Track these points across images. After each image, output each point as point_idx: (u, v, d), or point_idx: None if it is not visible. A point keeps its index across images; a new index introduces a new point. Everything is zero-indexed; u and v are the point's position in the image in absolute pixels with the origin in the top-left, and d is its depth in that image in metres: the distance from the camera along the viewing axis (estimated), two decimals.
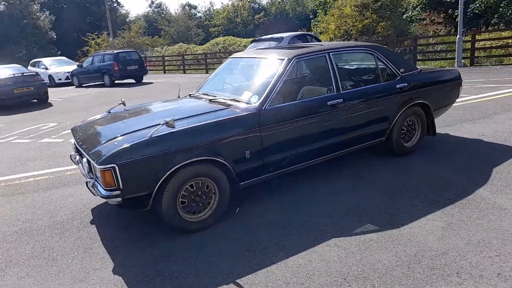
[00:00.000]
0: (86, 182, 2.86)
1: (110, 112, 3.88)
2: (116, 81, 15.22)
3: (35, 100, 11.72)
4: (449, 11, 17.87)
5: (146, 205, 2.78)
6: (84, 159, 3.03)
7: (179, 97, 4.29)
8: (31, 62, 20.14)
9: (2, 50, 33.79)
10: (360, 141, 3.85)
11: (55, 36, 38.99)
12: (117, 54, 15.08)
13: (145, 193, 2.71)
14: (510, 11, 15.48)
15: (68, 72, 17.19)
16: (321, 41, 12.54)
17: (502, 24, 15.26)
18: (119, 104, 4.01)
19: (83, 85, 16.50)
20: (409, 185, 3.56)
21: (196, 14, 42.57)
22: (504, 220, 2.82)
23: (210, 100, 3.64)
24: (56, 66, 18.57)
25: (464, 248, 2.53)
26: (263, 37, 12.39)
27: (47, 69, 18.39)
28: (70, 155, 3.68)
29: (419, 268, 2.36)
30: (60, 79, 17.68)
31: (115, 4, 49.75)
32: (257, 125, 3.11)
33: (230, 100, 3.48)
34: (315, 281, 2.31)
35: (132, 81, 16.01)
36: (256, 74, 3.73)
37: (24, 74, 11.03)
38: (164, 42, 30.85)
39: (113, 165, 2.57)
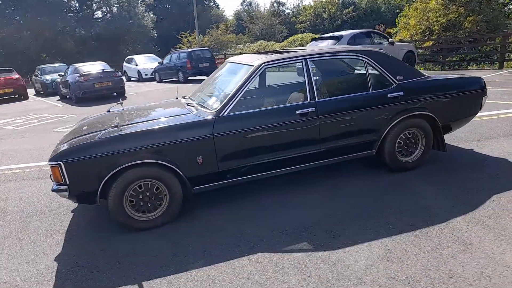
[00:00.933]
0: (50, 175, 3.24)
1: (109, 111, 4.26)
2: (189, 78, 16.22)
3: (115, 94, 13.16)
4: None
5: (94, 201, 3.04)
6: None
7: (177, 98, 4.51)
8: (126, 58, 22.56)
9: (113, 47, 38.38)
10: (340, 153, 3.62)
11: (156, 35, 42.79)
12: (191, 52, 16.06)
13: (90, 190, 2.96)
14: None
15: (152, 69, 18.85)
16: (388, 38, 11.71)
17: None
18: (117, 103, 4.37)
19: (163, 80, 17.96)
20: (380, 205, 3.25)
21: (284, 11, 42.83)
22: (456, 258, 2.44)
23: (187, 104, 3.77)
24: (145, 62, 20.47)
25: (383, 283, 2.27)
26: (322, 36, 12.05)
27: (137, 65, 20.41)
28: None
29: None
30: (146, 75, 19.48)
31: (211, 3, 52.76)
32: (210, 132, 3.15)
33: (200, 105, 3.56)
34: None
35: (204, 77, 16.88)
36: (230, 79, 3.74)
37: (104, 71, 12.47)
38: (247, 40, 31.75)
39: (59, 162, 2.87)
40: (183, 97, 4.31)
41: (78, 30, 38.16)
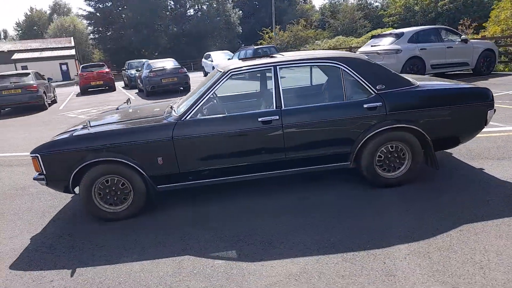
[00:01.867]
0: None
1: (118, 108, 4.71)
2: None
3: (182, 88, 14.09)
4: None
5: (69, 191, 3.44)
6: None
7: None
8: (204, 54, 23.81)
9: (201, 43, 40.80)
10: (308, 163, 3.51)
11: (241, 31, 44.28)
12: (256, 50, 16.36)
13: (63, 181, 3.37)
14: None
15: None
16: (461, 35, 10.50)
17: None
18: (124, 103, 4.79)
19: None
20: (335, 221, 3.10)
21: (372, 4, 40.71)
22: (367, 287, 2.27)
23: (171, 107, 4.00)
24: (221, 59, 21.38)
25: None
26: (382, 33, 11.32)
27: (212, 61, 21.44)
28: None
29: None
30: None
31: None
32: (170, 135, 3.33)
33: (172, 108, 3.76)
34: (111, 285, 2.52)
35: None
36: (204, 84, 3.84)
37: (172, 67, 13.43)
38: (326, 35, 31.00)
39: (37, 154, 3.32)
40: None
41: (171, 28, 41.26)
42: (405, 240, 2.73)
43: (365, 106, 3.40)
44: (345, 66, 3.46)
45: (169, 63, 13.96)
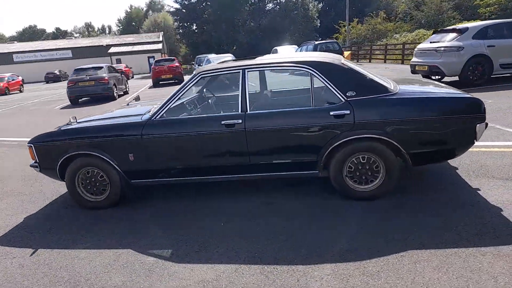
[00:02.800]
0: None
1: (128, 104, 5.07)
2: None
3: None
4: None
5: (59, 178, 3.84)
6: None
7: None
8: (272, 49, 23.91)
9: (277, 37, 41.02)
10: (273, 169, 3.44)
11: (318, 24, 43.46)
12: (316, 45, 15.97)
13: (52, 170, 3.77)
14: None
15: None
16: None
17: None
18: (133, 99, 5.12)
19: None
20: (282, 230, 3.01)
21: None
22: None
23: (154, 105, 4.19)
24: (287, 53, 21.35)
25: None
26: (445, 28, 10.24)
27: None
28: None
29: None
30: None
31: None
32: (139, 134, 3.52)
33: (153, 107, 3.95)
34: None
35: None
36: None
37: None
38: (407, 28, 28.85)
39: (31, 144, 3.76)
40: None
41: (248, 22, 42.14)
42: (338, 259, 2.56)
43: (331, 113, 3.20)
44: (315, 70, 3.29)
45: (226, 59, 14.36)
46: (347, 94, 3.21)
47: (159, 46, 47.18)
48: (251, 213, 3.38)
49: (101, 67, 14.15)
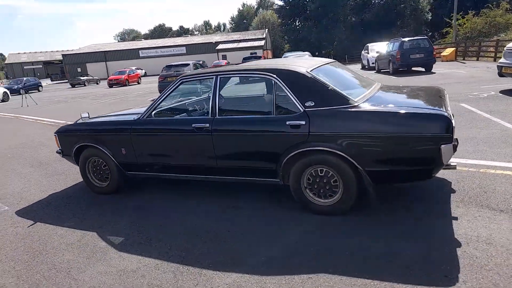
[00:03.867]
0: None
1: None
2: (399, 69, 15.01)
3: None
4: None
5: (76, 164, 4.48)
6: None
7: None
8: (365, 46, 22.71)
9: (381, 32, 38.78)
10: (238, 173, 3.51)
11: (429, 18, 39.67)
12: (403, 42, 14.71)
13: (70, 156, 4.42)
14: None
15: (374, 57, 18.47)
16: None
17: None
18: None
19: (381, 70, 17.34)
20: (218, 234, 3.09)
21: None
22: None
23: None
24: (376, 51, 20.01)
25: None
26: None
27: (368, 53, 20.43)
28: None
29: None
30: (372, 63, 19.27)
31: None
32: (128, 131, 3.92)
33: None
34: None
35: (420, 69, 15.07)
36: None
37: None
38: None
39: (55, 134, 4.47)
40: None
41: (349, 18, 40.67)
42: (247, 270, 2.56)
43: (288, 123, 3.13)
44: (278, 79, 3.24)
45: (303, 55, 14.28)
46: (305, 104, 3.10)
47: (262, 42, 48.76)
48: (204, 214, 3.51)
49: (188, 64, 15.41)
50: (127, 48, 56.36)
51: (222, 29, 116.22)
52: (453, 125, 2.72)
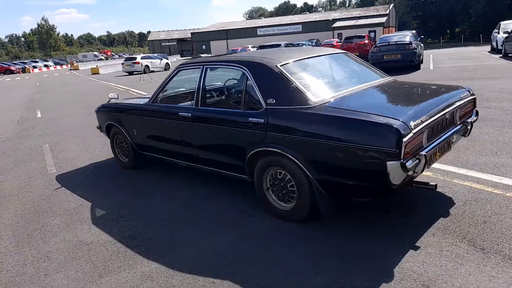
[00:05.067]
0: None
1: None
2: None
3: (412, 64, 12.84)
4: None
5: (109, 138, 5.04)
6: None
7: None
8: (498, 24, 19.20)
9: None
10: (214, 165, 3.51)
11: None
12: None
13: (104, 132, 4.99)
14: None
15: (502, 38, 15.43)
16: None
17: None
18: None
19: (508, 54, 14.53)
20: (176, 227, 3.19)
21: None
22: None
23: None
24: (506, 30, 16.70)
25: None
26: None
27: (498, 33, 17.28)
28: None
29: None
30: (501, 45, 16.19)
31: None
32: (137, 114, 4.23)
33: None
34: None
35: None
36: None
37: (397, 43, 12.42)
38: None
39: (96, 111, 5.08)
40: None
41: None
42: (177, 265, 2.62)
43: (249, 119, 2.98)
44: (247, 71, 3.08)
45: (401, 37, 12.91)
46: (267, 101, 2.90)
47: (383, 19, 45.16)
48: (181, 203, 3.60)
49: (279, 45, 15.33)
50: (246, 26, 58.46)
51: (347, 4, 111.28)
52: (407, 139, 2.22)
